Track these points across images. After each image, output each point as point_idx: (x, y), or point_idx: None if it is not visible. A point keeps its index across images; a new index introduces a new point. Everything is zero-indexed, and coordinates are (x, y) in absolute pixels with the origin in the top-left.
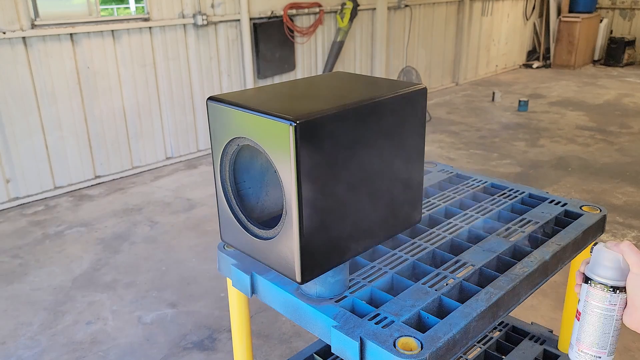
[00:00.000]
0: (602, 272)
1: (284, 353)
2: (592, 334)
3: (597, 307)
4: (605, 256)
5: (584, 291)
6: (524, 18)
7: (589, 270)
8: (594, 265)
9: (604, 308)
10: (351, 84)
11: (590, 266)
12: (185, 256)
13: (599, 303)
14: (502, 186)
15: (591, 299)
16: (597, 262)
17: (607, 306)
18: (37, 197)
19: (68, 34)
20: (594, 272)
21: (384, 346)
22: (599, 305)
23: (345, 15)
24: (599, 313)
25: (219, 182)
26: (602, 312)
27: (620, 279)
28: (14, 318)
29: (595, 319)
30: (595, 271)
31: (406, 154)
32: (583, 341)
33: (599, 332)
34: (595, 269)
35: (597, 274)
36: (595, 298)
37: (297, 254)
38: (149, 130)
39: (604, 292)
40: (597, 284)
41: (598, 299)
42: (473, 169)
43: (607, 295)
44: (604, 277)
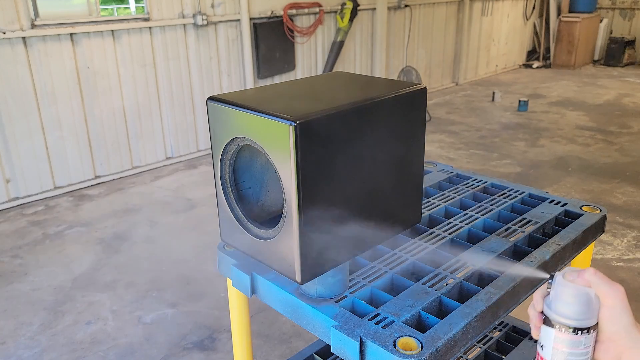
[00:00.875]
0: (571, 312)
1: (284, 353)
2: None
3: (571, 354)
4: (570, 292)
5: (548, 336)
6: (524, 18)
7: (553, 310)
8: (559, 305)
9: (580, 353)
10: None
11: (554, 305)
12: (185, 256)
13: (572, 349)
14: (502, 186)
15: (561, 345)
16: (560, 299)
17: (582, 351)
18: (37, 197)
19: (68, 34)
20: (560, 314)
21: (384, 346)
22: (573, 352)
23: (345, 15)
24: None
25: (219, 182)
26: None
27: (593, 316)
28: (14, 318)
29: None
30: (561, 312)
31: (406, 154)
32: None
33: None
34: (561, 308)
35: (565, 316)
36: (565, 344)
37: (297, 254)
38: (149, 130)
39: (578, 336)
40: (567, 328)
41: (570, 344)
42: (473, 169)
43: (582, 339)
44: (575, 319)
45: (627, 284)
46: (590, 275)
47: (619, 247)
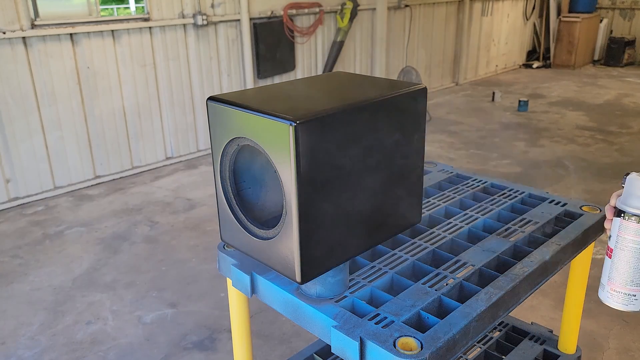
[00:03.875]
0: (637, 202)
1: (284, 353)
2: (627, 270)
3: (631, 241)
4: (638, 184)
5: (615, 225)
6: (524, 18)
7: (622, 202)
8: (628, 197)
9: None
10: (351, 84)
11: (623, 198)
12: (185, 256)
13: (634, 237)
14: (502, 186)
15: (625, 232)
16: (630, 192)
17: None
18: (37, 197)
19: (68, 34)
20: (627, 204)
21: (384, 346)
22: (634, 240)
23: (345, 15)
24: (633, 248)
25: (219, 182)
26: (638, 247)
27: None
28: (14, 318)
29: (629, 254)
30: (628, 202)
31: (406, 154)
32: (616, 280)
33: (633, 269)
34: (629, 200)
35: (631, 206)
36: (629, 232)
37: (297, 254)
38: (149, 130)
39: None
40: (631, 217)
41: (633, 232)
42: (473, 169)
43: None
44: (638, 208)
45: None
46: None
47: None
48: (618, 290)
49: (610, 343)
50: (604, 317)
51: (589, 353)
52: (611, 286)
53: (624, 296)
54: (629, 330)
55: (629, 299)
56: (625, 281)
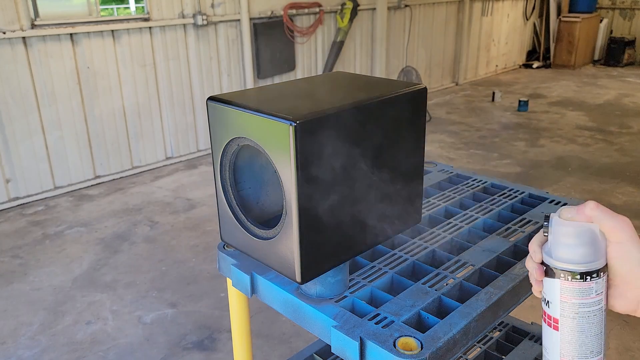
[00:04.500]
0: (575, 255)
1: (284, 353)
2: (584, 342)
3: (582, 305)
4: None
5: (552, 289)
6: (524, 18)
7: (554, 257)
8: (560, 249)
9: (592, 302)
10: (351, 84)
11: (553, 251)
12: (185, 256)
13: (584, 299)
14: (502, 186)
15: (569, 296)
16: (561, 242)
17: (594, 299)
18: (37, 197)
19: (68, 34)
20: (562, 260)
21: (384, 346)
22: (585, 302)
23: (345, 15)
24: (586, 312)
25: (219, 182)
26: (591, 309)
27: (601, 256)
28: (14, 318)
29: (584, 321)
30: (564, 257)
31: (406, 154)
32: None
33: (592, 337)
34: (562, 253)
35: (569, 261)
36: (574, 294)
37: (297, 254)
38: (149, 130)
39: (587, 282)
40: (573, 275)
41: (579, 294)
42: (473, 169)
43: (592, 285)
44: (581, 262)
45: None
46: (591, 209)
47: None
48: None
49: (610, 343)
50: None
51: None
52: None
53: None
54: (629, 330)
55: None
56: (584, 354)
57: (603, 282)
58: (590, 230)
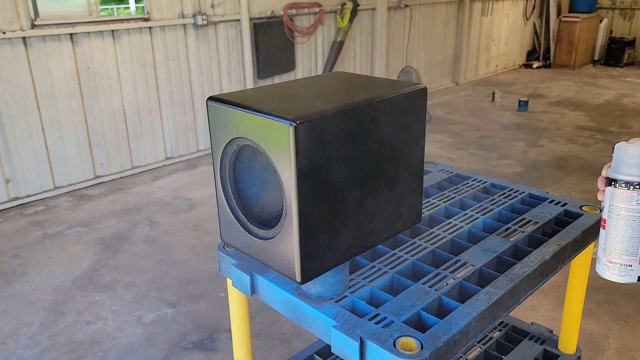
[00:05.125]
0: (627, 170)
1: (284, 353)
2: (621, 240)
3: (624, 209)
4: (629, 152)
5: (607, 195)
6: (524, 18)
7: (612, 171)
8: (617, 165)
9: (632, 209)
10: (351, 84)
11: (613, 167)
12: (185, 256)
13: (626, 204)
14: (502, 186)
15: (617, 201)
16: (620, 160)
17: (635, 206)
18: (37, 197)
19: (68, 34)
20: (617, 172)
21: (384, 346)
22: (627, 207)
23: (345, 15)
24: (626, 216)
25: (219, 182)
26: (630, 214)
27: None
28: (14, 318)
29: (623, 223)
30: (618, 170)
31: (406, 154)
32: (611, 250)
33: (628, 238)
34: (619, 168)
35: (621, 173)
36: (621, 200)
37: (297, 254)
38: (149, 130)
39: (631, 192)
40: (622, 184)
41: (624, 200)
42: (473, 169)
43: (634, 195)
44: (629, 175)
45: (628, 284)
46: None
47: None
48: (614, 261)
49: (610, 343)
50: (604, 317)
51: (589, 353)
52: (607, 257)
53: (620, 267)
54: (629, 330)
55: (625, 269)
56: (620, 251)
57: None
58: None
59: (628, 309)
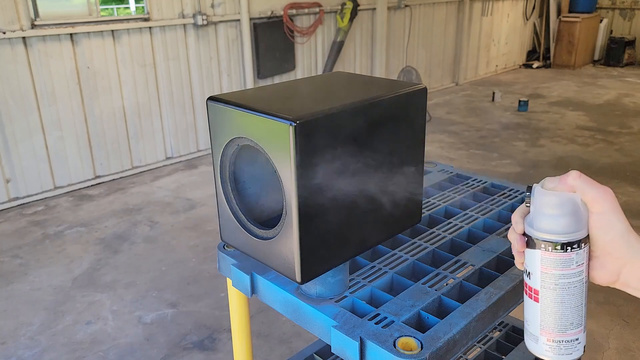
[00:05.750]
0: (556, 225)
1: (284, 353)
2: (564, 313)
3: (562, 276)
4: (552, 201)
5: (533, 260)
6: (524, 18)
7: (535, 227)
8: (540, 219)
9: (572, 274)
10: (351, 84)
11: (537, 223)
12: (185, 256)
13: (564, 270)
14: (502, 186)
15: (550, 267)
16: (542, 212)
17: (575, 270)
18: (37, 197)
19: (68, 34)
20: (543, 230)
21: (384, 346)
22: (566, 273)
23: (345, 15)
24: (566, 284)
25: (219, 182)
26: (572, 281)
27: (583, 226)
28: (14, 318)
29: (563, 293)
30: (545, 227)
31: (406, 154)
32: (552, 327)
33: (572, 308)
34: (544, 223)
35: (550, 231)
36: (556, 265)
37: (297, 254)
38: (149, 130)
39: (568, 253)
40: (554, 246)
41: (561, 265)
42: (473, 169)
43: (572, 256)
44: (562, 232)
45: None
46: (573, 179)
47: None
48: (558, 339)
49: (610, 343)
50: (604, 317)
51: (589, 353)
52: (547, 336)
53: (567, 344)
54: (629, 330)
55: (573, 345)
56: (564, 326)
57: (584, 254)
58: (572, 200)
59: (628, 309)
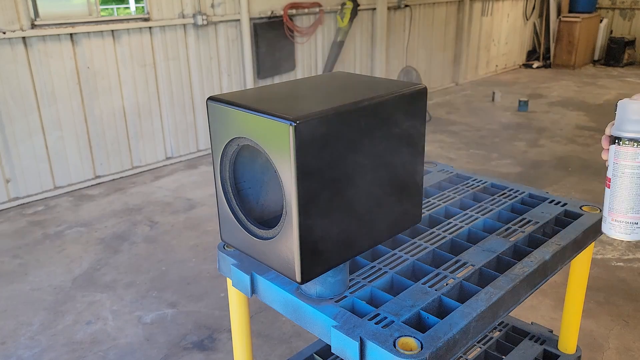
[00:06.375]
0: (631, 127)
1: (284, 353)
2: (627, 198)
3: (628, 167)
4: (632, 109)
5: (612, 154)
6: (524, 18)
7: (616, 128)
8: (621, 122)
9: (637, 166)
10: (351, 84)
11: (617, 124)
12: (185, 256)
13: (631, 162)
14: (502, 186)
15: (621, 159)
16: (623, 118)
17: (638, 163)
18: (37, 197)
19: (68, 34)
20: (620, 129)
21: (384, 346)
22: (631, 165)
23: (345, 15)
24: (631, 173)
25: (219, 182)
26: (635, 172)
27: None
28: (14, 318)
29: (628, 181)
30: (622, 127)
31: (406, 154)
32: (616, 209)
33: (633, 195)
34: (623, 125)
35: (624, 130)
36: (625, 157)
37: (297, 254)
38: (149, 130)
39: (635, 149)
40: (626, 142)
41: (629, 157)
42: (473, 169)
43: (638, 151)
44: (633, 132)
45: (627, 284)
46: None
47: (619, 247)
48: (620, 219)
49: (610, 343)
50: (604, 317)
51: (589, 353)
52: (612, 216)
53: (626, 225)
54: (629, 330)
55: (632, 227)
56: (626, 209)
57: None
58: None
59: (628, 309)
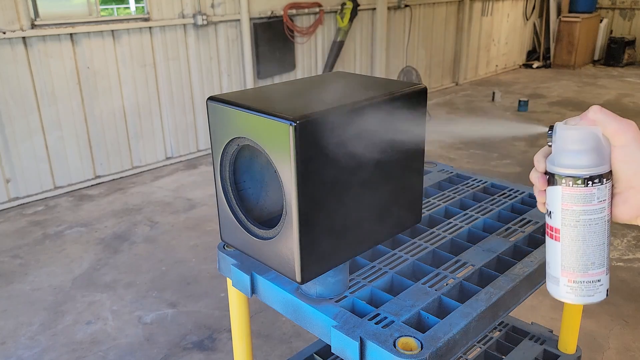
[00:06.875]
0: (577, 160)
1: (284, 353)
2: (585, 252)
3: (582, 212)
4: (574, 136)
5: (555, 197)
6: (524, 18)
7: (558, 165)
8: (561, 155)
9: (594, 210)
10: (351, 84)
11: (558, 159)
12: (185, 256)
13: (585, 206)
14: (502, 186)
15: (571, 203)
16: (564, 149)
17: (596, 206)
18: (37, 197)
19: (68, 34)
20: (564, 165)
21: (384, 346)
22: (586, 209)
23: (345, 15)
24: (588, 220)
25: (219, 182)
26: (593, 217)
27: (605, 162)
28: (14, 318)
29: (584, 230)
30: (565, 163)
31: (406, 154)
32: (573, 267)
33: (593, 247)
34: (565, 159)
35: (571, 166)
36: (578, 201)
37: (297, 254)
38: (149, 130)
39: (589, 188)
40: (575, 181)
41: (582, 200)
42: (473, 169)
43: (594, 191)
44: (583, 166)
45: (627, 284)
46: (594, 113)
47: (619, 247)
48: (580, 280)
49: (610, 343)
50: (604, 317)
51: (589, 353)
52: (568, 277)
53: (588, 285)
54: (629, 330)
55: (594, 286)
56: (585, 266)
57: (606, 190)
58: (593, 133)
59: (628, 309)
